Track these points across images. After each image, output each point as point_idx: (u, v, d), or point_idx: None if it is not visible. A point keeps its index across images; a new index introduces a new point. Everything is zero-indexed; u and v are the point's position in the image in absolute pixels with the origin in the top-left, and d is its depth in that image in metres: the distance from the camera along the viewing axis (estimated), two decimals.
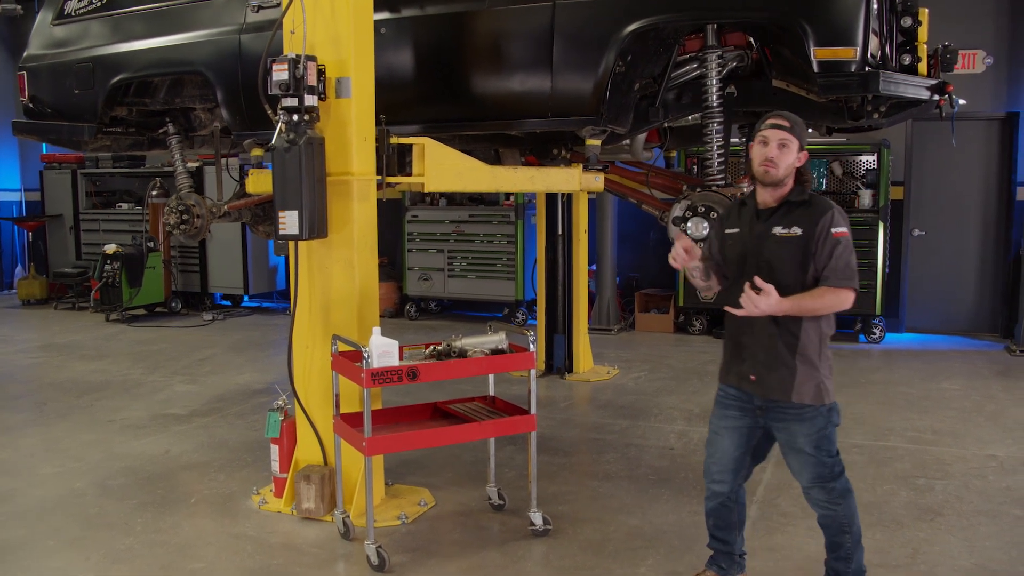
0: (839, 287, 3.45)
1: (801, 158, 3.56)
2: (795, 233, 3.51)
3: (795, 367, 3.53)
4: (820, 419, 3.57)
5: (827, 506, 3.66)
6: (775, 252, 3.54)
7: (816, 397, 3.55)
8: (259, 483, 5.34)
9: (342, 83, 4.61)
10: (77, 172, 13.41)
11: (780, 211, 3.58)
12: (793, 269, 3.50)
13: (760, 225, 3.61)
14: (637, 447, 6.09)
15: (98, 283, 11.68)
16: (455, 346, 4.43)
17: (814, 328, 3.54)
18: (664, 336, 10.27)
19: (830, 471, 3.63)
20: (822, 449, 3.60)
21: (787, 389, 3.55)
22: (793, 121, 3.56)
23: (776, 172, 3.52)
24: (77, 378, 8.32)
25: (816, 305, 3.46)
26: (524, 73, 5.21)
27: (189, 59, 6.05)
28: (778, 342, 3.55)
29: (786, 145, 3.51)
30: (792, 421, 3.60)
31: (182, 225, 6.54)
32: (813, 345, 3.55)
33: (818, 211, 3.51)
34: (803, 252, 3.49)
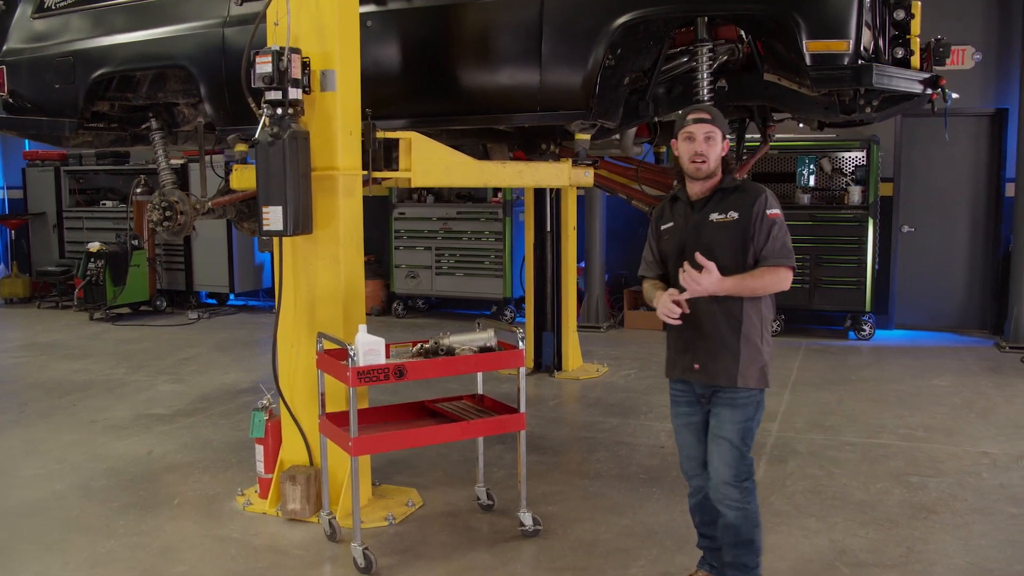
0: (778, 266, 3.50)
1: (725, 147, 3.60)
2: (732, 218, 3.54)
3: (739, 351, 3.54)
4: (751, 407, 3.58)
5: (740, 505, 3.61)
6: (714, 237, 3.56)
7: (760, 380, 3.57)
8: (244, 484, 5.25)
9: (327, 76, 4.52)
10: (60, 169, 13.25)
11: (714, 199, 3.62)
12: (733, 252, 3.53)
13: (696, 215, 3.63)
14: (627, 445, 6.02)
15: (82, 281, 11.54)
16: (443, 344, 4.35)
17: (755, 311, 3.56)
18: (653, 334, 10.19)
19: (748, 468, 3.62)
20: (745, 442, 3.59)
21: (732, 374, 3.55)
22: (714, 114, 3.61)
23: (708, 165, 3.56)
24: (60, 378, 8.20)
25: (757, 284, 3.49)
26: (512, 66, 5.13)
27: (171, 53, 5.94)
28: (721, 327, 3.56)
29: (711, 137, 3.55)
30: (725, 407, 3.58)
31: (165, 222, 6.39)
32: (755, 328, 3.57)
33: (752, 195, 3.56)
34: (742, 235, 3.52)
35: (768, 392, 7.08)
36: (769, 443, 6.04)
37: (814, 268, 9.65)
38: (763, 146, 5.99)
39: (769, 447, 5.96)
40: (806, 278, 9.64)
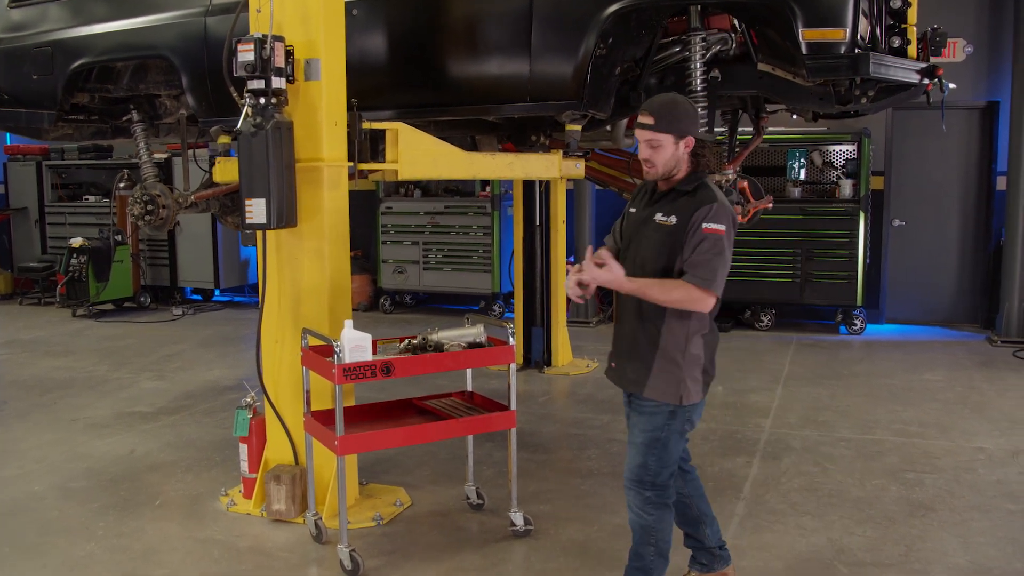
0: (693, 284, 3.25)
1: (684, 146, 3.37)
2: (670, 222, 3.35)
3: (652, 362, 3.39)
4: (659, 417, 3.40)
5: (638, 512, 3.51)
6: (650, 238, 3.41)
7: (666, 394, 3.37)
8: (228, 484, 5.13)
9: (311, 65, 4.40)
10: (42, 164, 13.06)
11: (668, 197, 3.45)
12: (660, 258, 3.36)
13: (646, 210, 3.50)
14: (619, 443, 5.92)
15: (64, 278, 11.38)
16: (431, 340, 4.23)
17: (680, 325, 3.36)
18: None
19: (651, 478, 3.45)
20: (652, 452, 3.43)
21: (640, 382, 3.42)
22: (660, 115, 3.36)
23: (655, 171, 3.40)
24: (41, 375, 8.05)
25: (660, 295, 3.28)
26: (502, 56, 5.02)
27: (152, 43, 5.80)
28: (639, 333, 3.43)
29: (654, 145, 3.36)
30: (637, 413, 3.49)
31: (147, 216, 6.27)
32: (676, 342, 3.37)
33: (698, 203, 3.33)
34: (671, 242, 3.33)
35: (761, 388, 7.08)
36: (763, 439, 5.96)
37: (805, 262, 9.58)
38: (756, 138, 5.89)
39: (763, 443, 5.87)
40: (797, 272, 9.58)
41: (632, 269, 3.39)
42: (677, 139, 3.35)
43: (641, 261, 3.41)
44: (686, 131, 3.37)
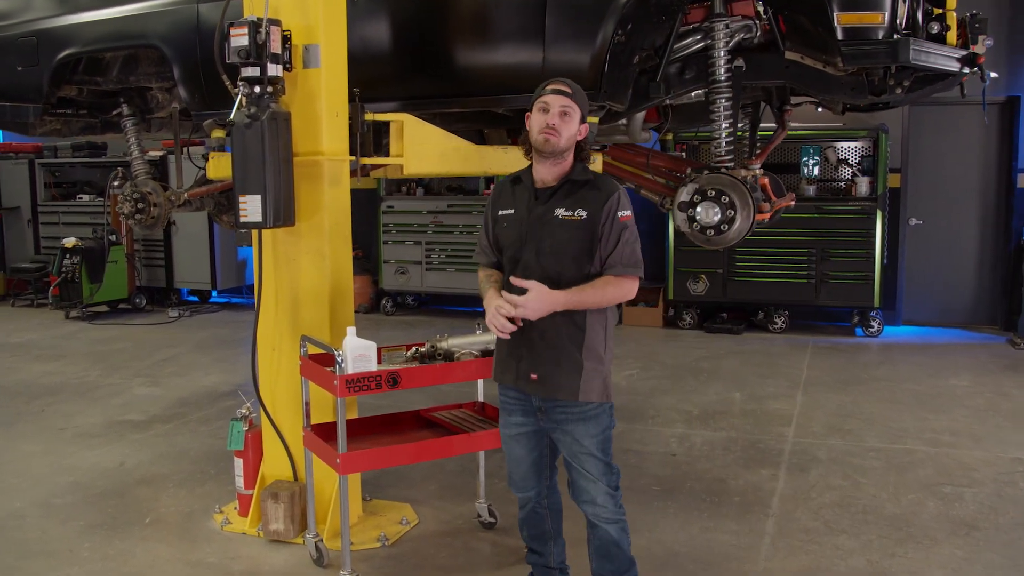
0: (623, 275, 3.15)
1: (582, 130, 3.24)
2: (579, 216, 3.16)
3: (582, 363, 3.18)
4: (604, 416, 3.25)
5: (617, 516, 3.32)
6: (556, 236, 3.17)
7: (603, 394, 3.22)
8: (222, 500, 4.82)
9: (310, 51, 4.09)
10: (35, 162, 12.75)
11: (562, 190, 3.22)
12: (577, 256, 3.17)
13: (540, 206, 3.23)
14: (636, 453, 5.61)
15: (57, 279, 11.08)
16: (440, 347, 3.92)
17: (599, 321, 3.21)
18: (653, 331, 9.81)
19: (616, 476, 3.32)
20: (607, 451, 3.28)
21: (574, 388, 3.18)
22: (575, 89, 3.24)
23: (557, 141, 3.17)
24: (29, 381, 7.74)
25: (597, 298, 3.13)
26: (514, 43, 4.69)
27: (143, 32, 5.48)
28: (563, 336, 3.18)
29: (568, 113, 3.19)
30: (575, 422, 3.22)
31: (137, 215, 5.99)
32: (599, 338, 3.21)
33: (604, 192, 3.19)
34: (588, 237, 3.16)
35: (780, 394, 6.77)
36: (787, 450, 5.65)
37: (820, 263, 9.28)
38: (780, 132, 5.56)
39: (787, 454, 5.56)
40: (812, 273, 9.28)
41: (539, 272, 3.15)
42: (581, 120, 3.22)
43: (550, 262, 3.17)
44: (585, 115, 3.26)
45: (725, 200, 4.50)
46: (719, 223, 4.51)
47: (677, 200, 4.65)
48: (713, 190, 4.53)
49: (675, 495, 4.90)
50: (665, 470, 5.31)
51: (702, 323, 9.82)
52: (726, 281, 9.60)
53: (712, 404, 6.74)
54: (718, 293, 9.66)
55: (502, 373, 3.37)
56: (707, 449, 5.69)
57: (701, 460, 5.48)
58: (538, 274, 3.14)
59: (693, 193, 4.59)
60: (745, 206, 4.53)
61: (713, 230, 4.54)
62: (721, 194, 4.51)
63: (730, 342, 9.14)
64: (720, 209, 4.49)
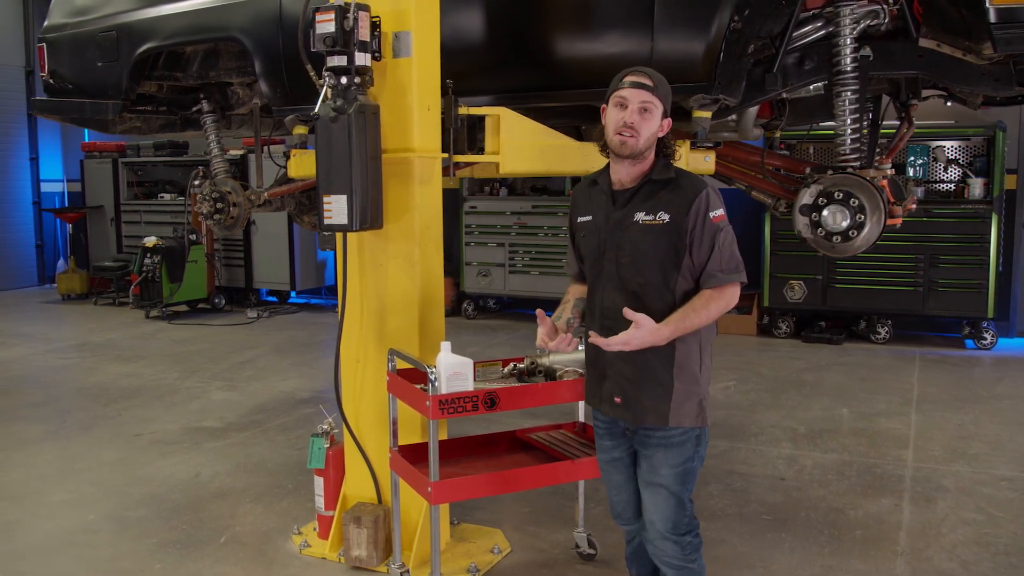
0: (726, 284, 2.79)
1: (664, 126, 2.89)
2: (662, 220, 2.81)
3: (671, 384, 2.84)
4: (689, 445, 2.88)
5: (681, 563, 2.93)
6: (637, 243, 2.85)
7: (697, 417, 2.88)
8: (301, 519, 4.53)
9: (401, 39, 3.76)
10: (118, 161, 12.79)
11: (642, 192, 2.88)
12: (661, 265, 2.82)
13: (618, 211, 2.90)
14: (742, 476, 5.18)
15: (138, 278, 11.03)
16: (541, 363, 3.56)
17: (693, 334, 2.84)
18: (746, 339, 9.32)
19: (688, 519, 2.94)
20: (686, 486, 2.92)
21: (663, 412, 2.85)
22: (658, 81, 2.87)
23: (636, 142, 2.82)
24: (107, 383, 7.60)
25: (703, 319, 2.79)
26: (619, 31, 4.30)
27: (223, 25, 5.23)
28: (647, 353, 2.82)
29: (648, 110, 2.83)
30: (658, 448, 2.89)
31: (216, 215, 5.75)
32: (693, 355, 2.87)
33: (690, 192, 2.82)
34: (673, 243, 2.81)
35: (891, 412, 6.24)
36: (907, 476, 5.16)
37: (928, 269, 8.68)
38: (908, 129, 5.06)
39: (908, 481, 5.07)
40: (919, 280, 8.70)
41: (619, 284, 2.87)
42: (664, 115, 2.88)
43: (631, 272, 2.86)
44: (669, 110, 2.90)
45: (854, 203, 4.06)
46: (847, 229, 4.07)
47: (798, 203, 4.22)
48: (840, 192, 4.09)
49: (789, 526, 4.46)
50: (775, 496, 4.87)
51: (799, 332, 9.30)
52: (826, 288, 9.06)
53: (818, 421, 6.26)
54: (817, 300, 9.12)
55: (590, 396, 3.08)
56: (819, 473, 5.23)
57: (814, 486, 5.02)
58: (618, 286, 2.86)
59: (817, 195, 4.15)
60: (876, 210, 4.08)
61: (840, 236, 4.10)
62: (849, 196, 4.07)
63: (830, 353, 8.61)
64: (848, 213, 4.05)
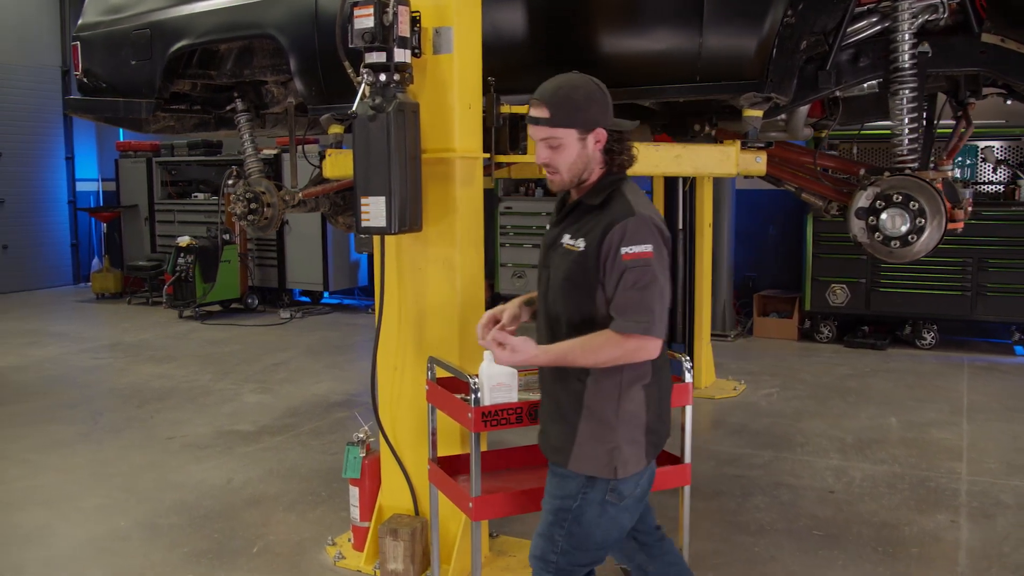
0: (624, 334, 2.42)
1: (595, 142, 2.55)
2: (578, 248, 2.53)
3: (576, 425, 2.57)
4: (572, 483, 2.58)
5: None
6: (558, 270, 2.60)
7: (603, 467, 2.54)
8: (335, 529, 4.42)
9: (441, 35, 3.63)
10: (152, 160, 12.78)
11: (574, 214, 2.63)
12: (572, 297, 2.55)
13: (554, 229, 2.69)
14: (789, 488, 5.00)
15: (171, 277, 11.00)
16: None
17: (608, 376, 2.53)
18: (787, 344, 9.11)
19: (556, 559, 2.63)
20: (559, 524, 2.61)
21: (565, 452, 2.59)
22: (555, 103, 2.52)
23: (560, 178, 2.59)
24: (140, 384, 7.54)
25: (589, 360, 2.47)
26: (666, 27, 4.14)
27: (258, 21, 5.12)
28: (558, 389, 2.62)
29: (554, 144, 2.54)
30: (551, 473, 2.68)
31: (250, 215, 5.64)
32: (606, 399, 2.55)
33: (609, 219, 2.49)
34: (587, 274, 2.51)
35: (941, 421, 6.03)
36: (963, 490, 4.95)
37: (976, 273, 8.43)
38: (964, 128, 4.85)
39: (964, 496, 4.87)
40: (967, 284, 8.45)
41: (546, 317, 2.65)
42: (583, 134, 2.53)
43: (551, 301, 2.62)
44: (594, 121, 2.54)
45: (914, 207, 3.87)
46: (907, 233, 3.88)
47: (854, 206, 4.04)
48: (899, 195, 3.90)
49: (841, 542, 4.28)
50: (824, 510, 4.69)
51: (841, 337, 9.07)
52: (869, 291, 8.83)
53: (866, 431, 6.06)
54: (860, 304, 8.89)
55: None
56: (869, 486, 5.03)
57: (864, 499, 4.83)
58: (543, 308, 2.67)
59: (874, 198, 3.97)
60: (936, 213, 3.89)
61: (898, 241, 3.91)
62: (909, 200, 3.88)
63: (874, 359, 8.38)
64: (908, 217, 3.87)
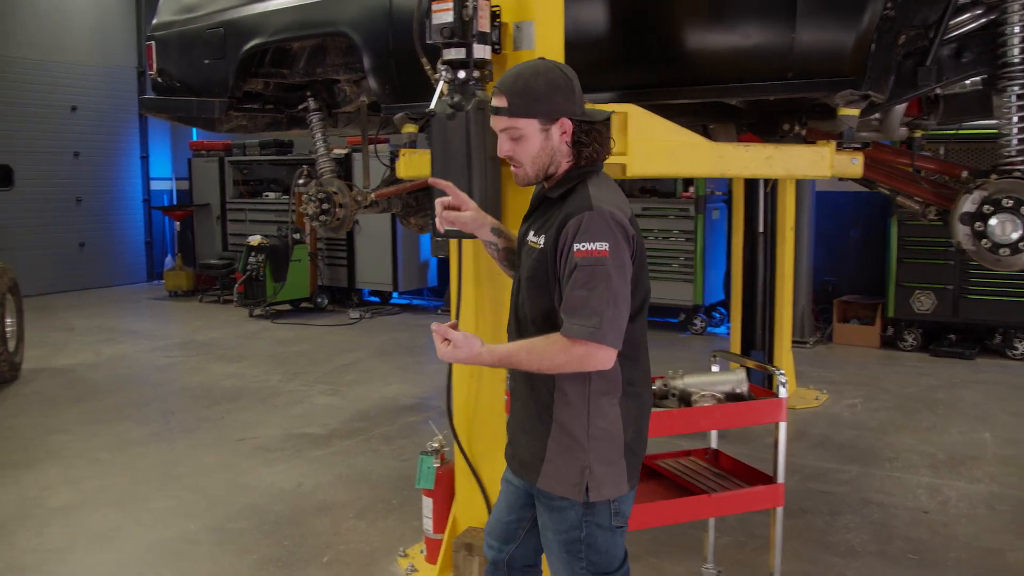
0: (570, 336, 2.21)
1: (559, 132, 2.37)
2: (538, 243, 2.38)
3: (546, 441, 2.40)
4: (571, 513, 2.39)
5: None
6: (524, 266, 2.45)
7: (573, 489, 2.35)
8: (406, 539, 4.30)
9: (522, 30, 3.47)
10: (224, 160, 12.89)
11: (540, 208, 2.49)
12: (535, 296, 2.40)
13: (523, 226, 2.55)
14: (879, 507, 4.76)
15: (242, 276, 11.04)
16: (675, 386, 3.24)
17: (574, 387, 2.34)
18: (868, 352, 8.78)
19: None
20: (576, 557, 2.41)
21: (533, 467, 2.43)
22: (514, 93, 2.36)
23: (524, 172, 2.42)
24: (211, 384, 7.54)
25: (533, 364, 2.27)
26: (756, 21, 3.92)
27: (331, 19, 5.03)
28: (528, 400, 2.46)
29: (517, 137, 2.38)
30: (543, 508, 2.46)
31: (322, 216, 5.57)
32: (576, 415, 2.35)
33: (565, 213, 2.31)
34: (543, 273, 2.36)
35: None
36: None
37: None
38: None
39: None
40: None
41: (515, 319, 2.52)
42: (545, 124, 2.36)
43: (520, 301, 2.48)
44: (558, 111, 2.36)
45: None
46: (1018, 240, 3.63)
47: (958, 211, 3.79)
48: (1009, 199, 3.65)
49: (940, 569, 4.03)
50: (919, 532, 4.44)
51: (926, 345, 8.71)
52: (957, 298, 8.45)
53: (958, 447, 5.76)
54: (947, 312, 8.52)
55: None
56: (966, 507, 4.76)
57: (962, 521, 4.57)
58: (512, 309, 2.53)
59: (981, 202, 3.72)
60: None
61: (1008, 248, 3.66)
62: (1020, 204, 3.63)
63: (963, 369, 8.02)
64: (1020, 223, 3.61)
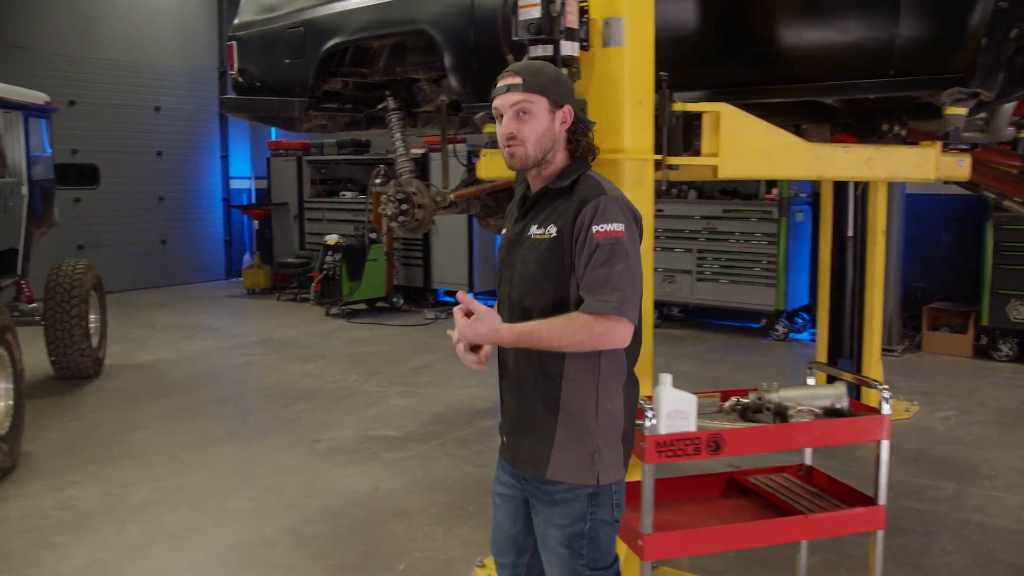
0: (594, 314, 2.24)
1: (561, 120, 2.42)
2: (550, 234, 2.36)
3: (553, 431, 2.38)
4: (576, 504, 2.38)
5: None
6: (526, 263, 2.42)
7: (585, 474, 2.36)
8: (483, 548, 4.20)
9: (611, 26, 3.34)
10: (302, 159, 12.98)
11: (540, 203, 2.46)
12: (544, 287, 2.37)
13: (517, 225, 2.52)
14: (980, 528, 4.51)
15: (319, 275, 11.10)
16: (770, 399, 3.07)
17: (586, 370, 2.35)
18: (960, 361, 8.43)
19: None
20: (581, 554, 2.39)
21: (541, 462, 2.40)
22: (530, 73, 2.41)
23: (523, 151, 2.40)
24: (287, 383, 7.55)
25: (554, 339, 2.25)
26: (854, 17, 3.74)
27: (412, 17, 4.97)
28: (530, 390, 2.42)
29: (526, 110, 2.38)
30: (544, 504, 2.44)
31: (401, 216, 5.49)
32: (586, 400, 2.36)
33: (580, 200, 2.34)
34: (561, 260, 2.35)
35: None
36: None
37: None
38: None
39: None
40: None
41: (509, 313, 2.44)
42: (553, 106, 2.40)
43: (519, 297, 2.42)
44: (564, 97, 2.43)
45: None
46: None
47: None
48: None
49: None
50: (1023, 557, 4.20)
51: (1023, 356, 8.34)
52: None
53: None
54: None
55: (500, 446, 2.63)
56: None
57: None
58: (509, 309, 2.46)
59: None
60: None
61: None
62: None
63: None
64: None
